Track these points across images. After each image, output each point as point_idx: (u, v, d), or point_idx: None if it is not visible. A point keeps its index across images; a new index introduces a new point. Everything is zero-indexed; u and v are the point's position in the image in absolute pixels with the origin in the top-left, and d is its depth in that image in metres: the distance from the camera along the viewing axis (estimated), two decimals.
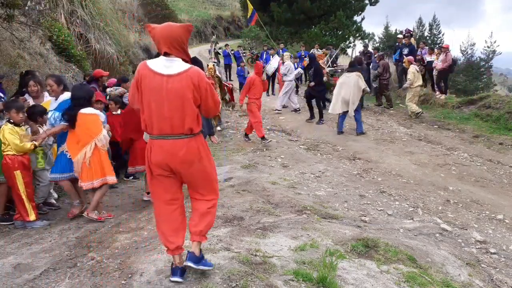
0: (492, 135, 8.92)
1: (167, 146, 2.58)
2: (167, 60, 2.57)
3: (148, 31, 2.65)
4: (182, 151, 2.59)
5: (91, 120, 4.38)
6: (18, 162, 4.21)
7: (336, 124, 9.54)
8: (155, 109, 2.54)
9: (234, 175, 6.17)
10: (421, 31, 31.76)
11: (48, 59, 7.77)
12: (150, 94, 2.54)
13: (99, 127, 4.43)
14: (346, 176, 6.48)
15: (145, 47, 16.27)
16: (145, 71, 2.55)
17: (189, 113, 2.56)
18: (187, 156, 2.61)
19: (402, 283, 3.10)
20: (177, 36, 2.57)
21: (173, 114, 2.54)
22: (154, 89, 2.53)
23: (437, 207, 5.39)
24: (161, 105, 2.53)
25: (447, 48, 11.78)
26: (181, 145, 2.59)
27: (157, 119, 2.56)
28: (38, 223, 4.31)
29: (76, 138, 4.35)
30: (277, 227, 4.05)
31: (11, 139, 4.16)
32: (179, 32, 2.58)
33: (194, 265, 2.75)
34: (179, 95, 2.52)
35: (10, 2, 5.46)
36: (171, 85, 2.51)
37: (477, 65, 23.04)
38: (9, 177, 4.22)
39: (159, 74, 2.53)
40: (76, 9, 9.58)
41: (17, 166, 4.20)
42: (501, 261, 4.00)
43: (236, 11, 35.46)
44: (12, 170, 4.17)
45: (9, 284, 3.06)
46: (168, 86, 2.51)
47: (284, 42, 20.80)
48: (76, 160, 4.31)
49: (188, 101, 2.55)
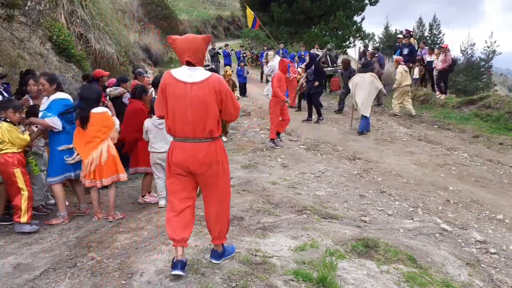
0: (492, 135, 8.92)
1: (188, 148, 2.78)
2: (190, 69, 2.75)
3: (170, 43, 2.82)
4: (202, 153, 2.78)
5: (103, 118, 4.42)
6: (17, 160, 4.16)
7: (336, 124, 9.54)
8: (179, 114, 2.74)
9: (234, 175, 6.17)
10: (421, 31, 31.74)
11: (48, 59, 7.77)
12: (174, 101, 2.73)
13: (112, 122, 4.52)
14: (346, 176, 6.48)
15: (145, 47, 16.27)
16: (169, 80, 2.75)
17: (210, 118, 2.74)
18: (207, 159, 2.79)
19: (402, 283, 3.10)
20: (198, 47, 2.77)
21: (196, 119, 2.73)
22: (178, 96, 2.72)
23: (437, 207, 5.39)
24: (185, 111, 2.72)
25: (446, 48, 11.78)
26: (201, 148, 2.78)
27: (180, 123, 2.75)
28: (27, 227, 4.16)
29: (85, 138, 4.34)
30: (277, 227, 4.05)
31: (13, 135, 4.10)
32: (200, 43, 2.78)
33: (215, 260, 3.06)
34: (201, 101, 2.71)
35: (10, 2, 5.46)
36: (194, 92, 2.70)
37: (477, 65, 23.06)
38: (8, 176, 4.12)
39: (182, 82, 2.72)
40: (76, 9, 9.58)
41: (17, 164, 4.14)
42: (501, 261, 4.00)
43: (236, 11, 35.43)
44: (12, 168, 4.10)
45: (9, 284, 3.06)
46: (191, 93, 2.70)
47: (284, 42, 20.80)
48: (88, 160, 4.32)
49: (210, 107, 2.73)
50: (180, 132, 2.78)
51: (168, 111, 2.78)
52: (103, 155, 4.34)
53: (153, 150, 4.81)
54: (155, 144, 4.79)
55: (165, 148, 4.77)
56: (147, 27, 17.80)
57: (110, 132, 4.46)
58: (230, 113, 2.88)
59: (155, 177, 4.97)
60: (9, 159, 4.10)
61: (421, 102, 12.16)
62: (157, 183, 4.92)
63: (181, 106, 2.72)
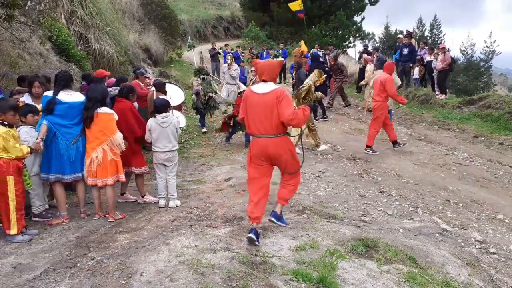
0: (492, 135, 8.92)
1: (261, 142, 3.68)
2: (264, 84, 3.69)
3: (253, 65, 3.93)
4: (271, 146, 3.65)
5: (107, 119, 4.41)
6: (13, 166, 3.84)
7: (336, 123, 9.54)
8: (253, 117, 3.67)
9: (234, 175, 6.17)
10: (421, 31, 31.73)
11: (48, 59, 7.77)
12: (251, 107, 3.69)
13: (113, 127, 4.46)
14: (346, 176, 6.48)
15: (145, 47, 16.25)
16: (249, 93, 3.78)
17: (275, 120, 3.58)
18: (276, 150, 3.67)
19: (402, 283, 3.10)
20: (273, 69, 3.74)
21: (264, 121, 3.61)
22: (253, 103, 3.67)
23: (437, 207, 5.39)
24: (257, 115, 3.64)
25: (444, 48, 11.84)
26: (271, 142, 3.65)
27: (254, 124, 3.68)
28: (18, 238, 3.89)
29: (89, 138, 4.40)
30: (277, 227, 4.05)
31: (9, 144, 3.79)
32: (275, 65, 3.79)
33: (275, 220, 4.07)
34: (268, 107, 3.57)
35: (10, 2, 5.46)
36: (263, 100, 3.60)
37: (477, 65, 23.06)
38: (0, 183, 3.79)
39: (256, 93, 3.67)
40: (76, 9, 9.58)
41: (12, 171, 3.82)
42: (501, 261, 3.99)
43: (236, 11, 35.41)
44: (5, 175, 3.78)
45: (9, 284, 3.06)
46: (261, 101, 3.61)
47: (284, 42, 20.81)
48: (90, 159, 4.34)
49: (274, 110, 3.56)
50: (255, 130, 3.68)
51: (247, 115, 3.73)
52: (98, 158, 4.33)
53: (156, 150, 4.81)
54: (158, 143, 4.79)
55: (168, 147, 4.78)
56: (147, 27, 17.78)
57: (109, 135, 4.39)
58: (281, 114, 3.56)
59: (156, 177, 4.97)
60: (3, 165, 3.79)
61: (421, 102, 12.15)
62: (158, 183, 4.92)
63: (255, 111, 3.64)
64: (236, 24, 35.06)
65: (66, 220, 4.45)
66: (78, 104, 4.45)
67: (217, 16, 33.99)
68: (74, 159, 4.44)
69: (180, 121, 7.92)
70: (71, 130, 4.43)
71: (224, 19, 34.66)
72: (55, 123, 4.36)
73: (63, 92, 4.40)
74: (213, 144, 8.59)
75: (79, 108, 4.46)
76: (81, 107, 4.46)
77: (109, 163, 4.40)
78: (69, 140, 4.42)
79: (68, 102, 4.39)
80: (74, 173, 4.49)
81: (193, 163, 7.06)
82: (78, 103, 4.45)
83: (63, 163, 4.42)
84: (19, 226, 3.89)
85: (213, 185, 5.73)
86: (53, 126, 4.36)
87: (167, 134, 4.74)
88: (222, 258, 3.20)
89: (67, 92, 4.44)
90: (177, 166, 5.01)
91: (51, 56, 7.97)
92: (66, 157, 4.42)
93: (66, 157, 4.42)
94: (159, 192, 4.91)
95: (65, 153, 4.41)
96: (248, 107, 3.71)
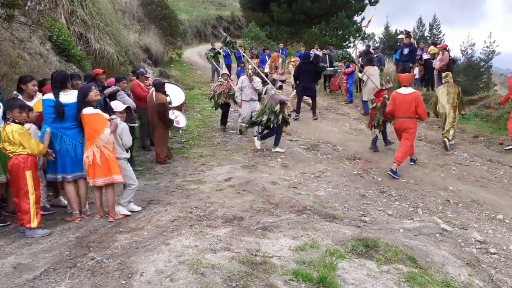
0: (492, 135, 8.92)
1: (401, 121, 6.66)
2: (405, 89, 6.68)
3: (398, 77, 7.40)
4: (406, 123, 6.59)
5: (93, 119, 4.40)
6: (31, 161, 4.06)
7: (336, 123, 9.52)
8: (399, 107, 6.61)
9: (234, 175, 6.17)
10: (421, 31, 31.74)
11: (48, 59, 7.76)
12: (398, 102, 6.62)
13: (101, 125, 4.40)
14: (346, 176, 6.48)
15: (145, 47, 16.25)
16: (396, 94, 6.70)
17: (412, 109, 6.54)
18: (407, 125, 6.59)
19: (402, 283, 3.10)
20: (409, 80, 6.95)
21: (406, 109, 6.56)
22: (400, 100, 6.63)
23: (437, 207, 5.39)
24: (402, 106, 6.57)
25: (443, 47, 11.85)
26: (406, 121, 6.61)
27: (398, 111, 6.64)
28: (39, 232, 4.05)
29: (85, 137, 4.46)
30: (277, 227, 4.05)
31: (24, 138, 4.00)
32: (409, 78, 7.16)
33: (392, 174, 6.39)
34: (408, 102, 6.54)
35: (10, 2, 5.45)
36: (406, 99, 6.57)
37: (477, 65, 23.06)
38: (18, 178, 4.00)
39: (402, 94, 6.65)
40: (76, 9, 9.58)
41: (30, 166, 4.03)
42: (501, 261, 4.00)
43: (236, 11, 35.40)
44: (24, 170, 3.99)
45: (9, 284, 3.06)
46: (405, 99, 6.57)
47: (284, 42, 20.80)
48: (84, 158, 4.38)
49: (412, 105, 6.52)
50: (399, 113, 6.63)
51: (395, 107, 6.64)
52: (88, 159, 4.33)
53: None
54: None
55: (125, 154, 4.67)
56: (147, 27, 17.78)
57: (96, 136, 4.32)
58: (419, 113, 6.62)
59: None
60: (22, 160, 3.99)
61: None
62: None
63: (401, 104, 6.60)
64: (236, 24, 35.05)
65: (78, 219, 4.47)
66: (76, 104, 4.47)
67: (217, 16, 34.00)
68: (80, 158, 4.46)
69: (180, 121, 7.96)
70: (76, 130, 4.46)
71: (224, 19, 34.66)
72: (59, 128, 4.39)
73: (62, 93, 4.41)
74: (213, 144, 8.59)
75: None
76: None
77: (98, 164, 4.34)
78: (76, 140, 4.46)
79: (67, 103, 4.40)
80: (76, 171, 4.50)
81: (193, 163, 7.06)
82: (76, 102, 4.46)
83: (65, 162, 4.44)
84: (38, 219, 4.06)
85: (213, 185, 5.73)
86: (58, 131, 4.39)
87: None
88: (222, 258, 3.20)
89: (65, 92, 4.45)
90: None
91: (51, 56, 7.96)
92: (70, 156, 4.44)
93: (70, 156, 4.45)
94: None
95: (72, 152, 4.44)
96: (396, 102, 6.61)
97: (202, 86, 15.78)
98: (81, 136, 4.48)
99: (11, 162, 4.03)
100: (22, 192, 4.00)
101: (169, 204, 4.89)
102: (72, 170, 4.48)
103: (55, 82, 4.48)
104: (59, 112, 4.34)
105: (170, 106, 7.28)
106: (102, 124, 4.40)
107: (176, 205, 4.81)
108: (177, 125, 7.68)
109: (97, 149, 4.33)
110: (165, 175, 6.35)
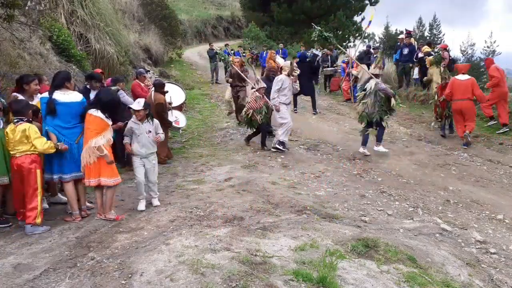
0: (492, 135, 8.91)
1: (459, 103, 8.07)
2: (462, 75, 8.18)
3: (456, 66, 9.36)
4: (464, 104, 8.04)
5: (91, 120, 4.40)
6: (39, 161, 4.24)
7: (336, 124, 9.52)
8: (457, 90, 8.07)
9: (234, 175, 6.17)
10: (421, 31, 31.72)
11: (48, 59, 7.77)
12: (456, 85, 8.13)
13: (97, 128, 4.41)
14: (346, 176, 6.48)
15: (145, 47, 16.25)
16: (454, 80, 8.22)
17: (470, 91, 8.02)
18: (465, 105, 8.03)
19: (402, 283, 3.10)
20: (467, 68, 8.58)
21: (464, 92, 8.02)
22: (457, 84, 8.14)
23: (437, 207, 5.39)
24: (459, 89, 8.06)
25: (444, 47, 11.84)
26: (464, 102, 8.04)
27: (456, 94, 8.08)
28: (40, 228, 4.16)
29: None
30: (277, 227, 4.05)
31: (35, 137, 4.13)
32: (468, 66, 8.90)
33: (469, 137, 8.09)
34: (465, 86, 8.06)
35: (10, 2, 5.44)
36: (463, 83, 8.10)
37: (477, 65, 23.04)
38: (30, 176, 4.11)
39: (459, 80, 8.15)
40: (76, 9, 9.58)
41: (40, 165, 4.23)
42: (501, 261, 4.00)
43: (236, 11, 35.38)
44: (36, 169, 4.15)
45: (9, 284, 3.06)
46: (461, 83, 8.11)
47: (284, 42, 20.79)
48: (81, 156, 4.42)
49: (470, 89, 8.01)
50: (458, 96, 8.01)
51: (453, 90, 8.06)
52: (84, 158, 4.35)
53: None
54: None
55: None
56: (147, 27, 17.78)
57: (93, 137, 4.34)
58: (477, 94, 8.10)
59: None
60: (35, 159, 4.16)
61: (421, 102, 12.15)
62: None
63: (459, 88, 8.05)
64: (236, 24, 35.04)
65: (78, 219, 4.47)
66: (76, 104, 4.46)
67: (217, 16, 33.97)
68: (77, 158, 4.45)
69: (180, 121, 7.95)
70: (72, 130, 4.45)
71: (224, 19, 34.64)
72: (56, 126, 4.38)
73: (58, 92, 4.40)
74: (213, 144, 8.59)
75: (78, 108, 4.45)
76: (80, 107, 4.47)
77: (93, 164, 4.36)
78: (72, 140, 4.45)
79: (65, 102, 4.39)
80: (73, 172, 4.49)
81: (193, 163, 7.06)
82: (76, 103, 4.46)
83: (63, 162, 4.44)
84: (41, 216, 4.21)
85: (213, 185, 5.73)
86: (55, 128, 4.38)
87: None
88: (222, 258, 3.20)
89: (63, 91, 4.44)
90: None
91: (51, 56, 7.96)
92: (66, 156, 4.42)
93: (67, 156, 4.43)
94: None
95: (68, 152, 4.42)
96: (454, 87, 8.03)
97: (202, 86, 15.78)
98: (77, 136, 4.48)
99: (21, 161, 4.10)
100: (32, 189, 4.12)
101: (169, 204, 4.89)
102: (69, 170, 4.47)
103: (53, 80, 4.53)
104: (50, 109, 4.33)
105: (170, 106, 7.28)
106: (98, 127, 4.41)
107: (176, 205, 4.81)
108: (177, 125, 7.68)
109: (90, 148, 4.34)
110: (165, 175, 6.34)
